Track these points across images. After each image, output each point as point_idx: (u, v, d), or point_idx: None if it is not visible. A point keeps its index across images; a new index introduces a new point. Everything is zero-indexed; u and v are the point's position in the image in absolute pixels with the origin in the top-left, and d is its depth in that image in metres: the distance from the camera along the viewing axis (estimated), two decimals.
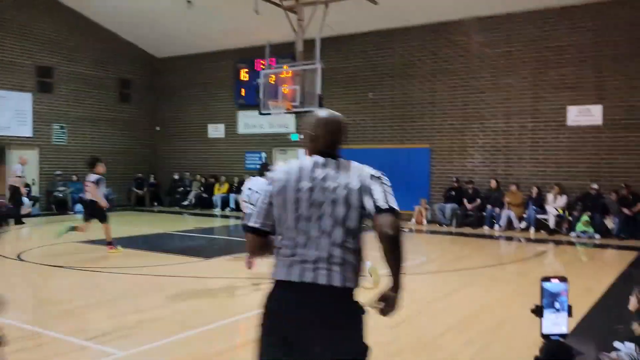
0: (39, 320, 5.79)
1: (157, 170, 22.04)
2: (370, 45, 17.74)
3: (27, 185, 17.33)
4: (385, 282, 2.55)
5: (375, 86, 17.63)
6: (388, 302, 2.53)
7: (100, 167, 10.92)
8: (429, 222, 16.01)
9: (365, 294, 2.63)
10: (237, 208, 19.08)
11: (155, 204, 21.17)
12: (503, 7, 15.16)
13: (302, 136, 2.83)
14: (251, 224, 2.57)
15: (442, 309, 6.55)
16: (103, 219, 10.27)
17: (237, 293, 7.42)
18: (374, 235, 2.46)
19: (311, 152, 2.67)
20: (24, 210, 16.66)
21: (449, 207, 15.58)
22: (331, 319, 2.37)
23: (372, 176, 2.56)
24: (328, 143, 2.68)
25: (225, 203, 19.69)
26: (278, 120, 18.40)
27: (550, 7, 14.76)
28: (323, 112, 2.83)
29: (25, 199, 16.92)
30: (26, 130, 18.17)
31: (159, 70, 22.50)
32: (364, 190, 2.48)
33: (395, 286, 2.54)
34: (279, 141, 19.70)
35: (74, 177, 19.02)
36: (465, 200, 15.39)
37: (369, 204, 2.46)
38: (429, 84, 16.69)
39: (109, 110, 20.79)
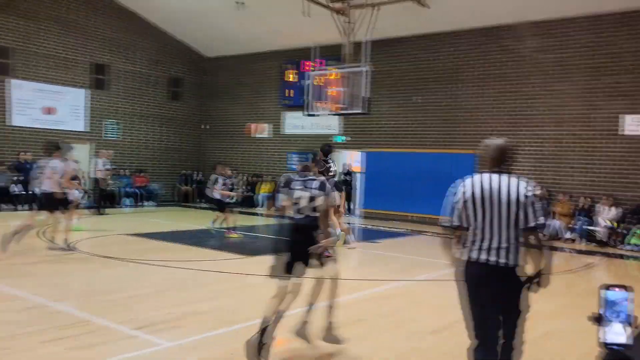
0: (91, 308, 6.01)
1: (203, 168, 22.47)
2: (418, 48, 17.63)
3: (77, 178, 17.94)
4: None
5: (422, 90, 17.50)
6: (541, 280, 3.53)
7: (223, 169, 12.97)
8: None
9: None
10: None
11: (200, 200, 21.58)
12: (557, 12, 14.80)
13: (480, 156, 3.90)
14: (447, 223, 3.71)
15: None
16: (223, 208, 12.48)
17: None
18: (525, 241, 3.51)
19: (487, 169, 3.68)
20: (75, 201, 17.29)
21: None
22: (505, 285, 3.51)
23: (527, 194, 3.49)
24: (499, 162, 3.67)
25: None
26: (323, 122, 18.49)
27: (608, 12, 14.32)
28: (497, 140, 3.78)
29: (76, 192, 17.54)
30: (80, 125, 18.86)
31: (208, 70, 22.96)
32: (521, 204, 3.46)
33: (548, 269, 3.54)
34: (323, 143, 19.73)
35: (125, 172, 19.62)
36: None
37: (522, 216, 3.46)
38: (477, 88, 16.46)
39: (160, 108, 21.36)
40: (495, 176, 3.58)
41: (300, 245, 4.93)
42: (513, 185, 3.50)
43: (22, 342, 4.83)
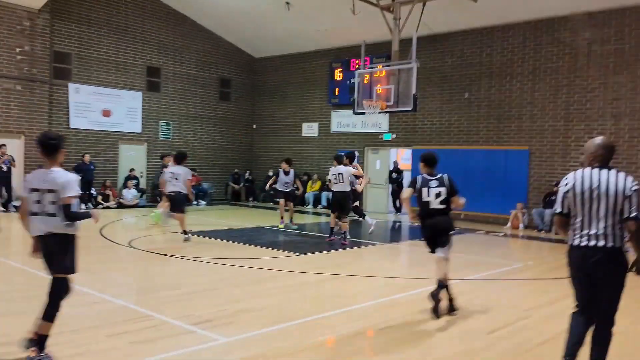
0: (150, 304, 6.23)
1: (253, 167, 22.82)
2: (467, 43, 17.33)
3: (135, 178, 18.59)
4: None
5: (472, 85, 17.21)
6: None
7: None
8: (525, 227, 15.42)
9: None
10: (329, 205, 19.37)
11: (251, 199, 21.94)
12: (614, 1, 14.26)
13: (583, 154, 4.18)
14: (559, 210, 4.18)
15: (542, 317, 6.32)
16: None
17: (328, 288, 7.57)
18: (627, 228, 3.94)
19: (591, 164, 4.07)
20: (132, 201, 17.91)
21: (548, 212, 14.91)
22: (610, 265, 3.97)
23: (633, 187, 3.93)
24: (602, 158, 4.05)
25: (317, 200, 20.05)
26: (371, 120, 18.44)
27: None
28: (602, 139, 4.14)
29: (133, 191, 18.18)
30: (136, 127, 19.49)
31: (257, 70, 23.28)
32: (626, 196, 3.91)
33: None
34: (372, 140, 19.76)
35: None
36: None
37: (626, 207, 3.92)
38: (530, 83, 16.05)
39: (210, 108, 21.82)
40: (604, 171, 3.99)
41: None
42: (620, 179, 3.94)
43: (87, 335, 5.07)
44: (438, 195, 6.67)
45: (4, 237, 11.74)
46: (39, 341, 4.36)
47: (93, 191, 17.58)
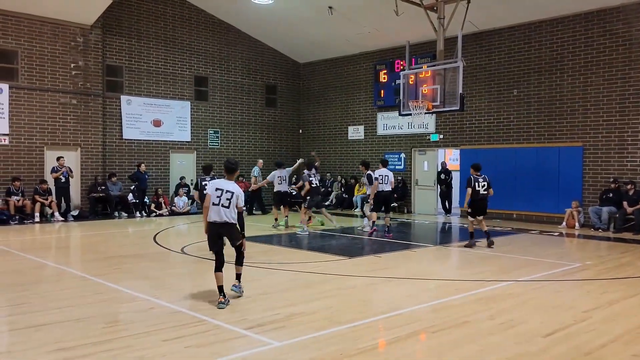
0: (204, 309, 6.36)
1: (300, 172, 22.95)
2: (514, 39, 16.95)
3: (186, 185, 19.03)
4: None
5: (521, 82, 16.81)
6: None
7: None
8: (581, 226, 14.93)
9: None
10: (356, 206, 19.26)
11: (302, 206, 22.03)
12: None
13: None
14: None
15: (602, 319, 6.10)
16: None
17: (379, 291, 7.54)
18: None
19: None
20: (184, 208, 18.33)
21: (605, 210, 14.39)
22: None
23: None
24: None
25: (365, 203, 19.97)
26: (417, 121, 18.24)
27: None
28: None
29: (184, 198, 18.61)
30: (185, 136, 19.97)
31: (301, 75, 23.47)
32: None
33: None
34: (418, 141, 19.58)
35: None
36: (625, 203, 14.11)
37: None
38: (582, 77, 15.55)
39: (257, 115, 22.14)
40: None
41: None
42: None
43: (144, 340, 5.22)
44: (483, 186, 11.58)
45: (64, 246, 12.25)
46: (238, 277, 6.98)
47: (146, 199, 18.09)
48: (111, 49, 18.28)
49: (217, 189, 6.66)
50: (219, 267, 6.73)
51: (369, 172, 13.58)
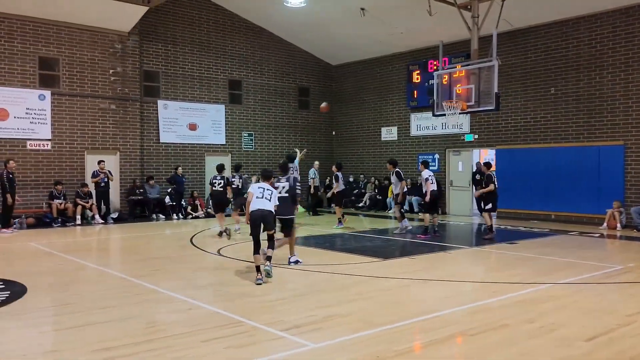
0: (241, 310, 6.45)
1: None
2: (551, 36, 16.62)
3: None
4: None
5: (558, 80, 16.47)
6: None
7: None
8: (623, 227, 14.52)
9: None
10: (411, 209, 19.16)
11: (332, 205, 22.07)
12: None
13: None
14: None
15: None
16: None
17: (414, 294, 7.50)
18: None
19: None
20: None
21: None
22: None
23: None
24: None
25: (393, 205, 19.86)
26: (452, 121, 18.07)
27: None
28: None
29: None
30: (220, 139, 20.24)
31: (334, 77, 23.51)
32: None
33: None
34: (453, 142, 19.38)
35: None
36: None
37: None
38: (622, 74, 15.14)
39: (290, 117, 22.27)
40: None
41: None
42: None
43: (184, 341, 5.31)
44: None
45: (104, 248, 12.56)
46: (269, 259, 8.13)
47: (183, 202, 18.38)
48: (148, 54, 18.67)
49: (259, 187, 8.36)
50: (257, 250, 8.04)
51: (397, 169, 14.03)
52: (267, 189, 8.33)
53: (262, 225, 8.13)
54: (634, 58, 14.91)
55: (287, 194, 9.36)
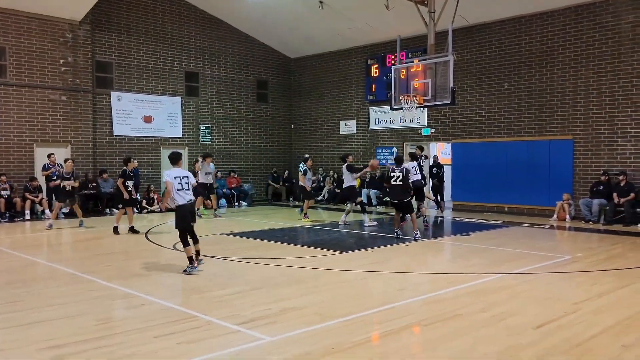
0: (195, 305, 6.36)
1: (292, 167, 22.96)
2: (505, 33, 16.99)
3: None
4: None
5: (511, 76, 16.86)
6: None
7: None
8: (572, 218, 15.02)
9: None
10: (370, 202, 19.31)
11: (291, 198, 22.07)
12: None
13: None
14: None
15: (592, 310, 6.15)
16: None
17: (371, 286, 7.56)
18: None
19: None
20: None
21: (595, 202, 14.49)
22: None
23: None
24: None
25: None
26: (409, 115, 18.25)
27: None
28: None
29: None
30: (177, 131, 19.89)
31: (293, 70, 23.43)
32: None
33: None
34: (410, 136, 19.61)
35: (218, 174, 20.43)
36: (615, 195, 14.21)
37: None
38: (572, 70, 15.62)
39: (248, 110, 22.09)
40: None
41: None
42: None
43: (136, 337, 5.20)
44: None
45: (55, 244, 12.16)
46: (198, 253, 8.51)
47: (138, 196, 17.95)
48: (100, 44, 18.14)
49: (176, 177, 8.02)
50: (188, 242, 8.18)
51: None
52: (184, 176, 8.16)
53: (191, 217, 8.34)
54: (582, 55, 15.40)
55: (401, 182, 11.38)
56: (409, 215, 11.94)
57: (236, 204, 20.14)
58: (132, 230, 12.79)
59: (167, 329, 5.41)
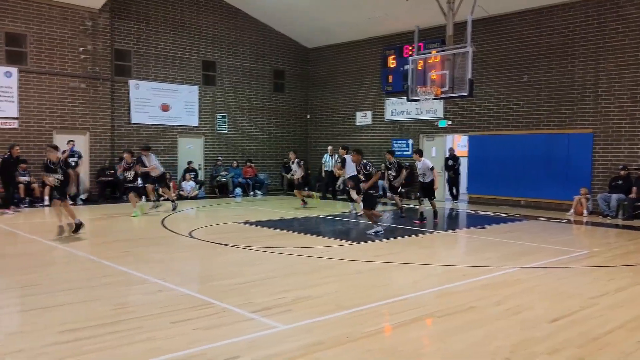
0: (212, 292, 6.42)
1: (308, 157, 22.97)
2: (525, 24, 16.77)
3: (193, 170, 19.09)
4: None
5: (531, 68, 16.66)
6: None
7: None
8: (590, 213, 14.86)
9: None
10: (384, 194, 19.26)
11: (306, 188, 22.07)
12: None
13: None
14: None
15: (608, 306, 6.09)
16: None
17: (385, 277, 7.57)
18: None
19: None
20: (191, 193, 18.42)
21: (614, 197, 14.31)
22: None
23: None
24: None
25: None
26: (426, 107, 18.14)
27: None
28: None
29: (192, 183, 18.69)
30: (193, 120, 19.99)
31: (310, 60, 23.37)
32: None
33: None
34: (427, 127, 19.50)
35: (234, 163, 20.55)
36: (634, 190, 14.02)
37: None
38: (593, 63, 15.38)
39: (265, 100, 22.11)
40: None
41: None
42: None
43: (153, 322, 5.27)
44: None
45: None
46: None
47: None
48: (119, 33, 18.26)
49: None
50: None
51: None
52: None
53: None
54: (604, 47, 15.15)
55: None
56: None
57: (251, 193, 20.23)
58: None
59: (184, 315, 5.47)
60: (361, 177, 11.49)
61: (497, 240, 10.68)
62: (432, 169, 13.17)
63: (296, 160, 16.49)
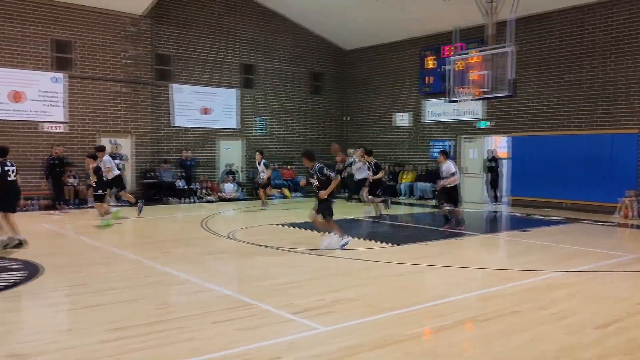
0: (252, 293, 6.49)
1: (347, 159, 22.91)
2: (567, 23, 16.38)
3: (233, 172, 19.35)
4: None
5: (572, 67, 16.26)
6: None
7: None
8: (638, 215, 14.38)
9: None
10: (423, 196, 19.10)
11: (345, 191, 22.06)
12: None
13: None
14: None
15: None
16: None
17: (425, 280, 7.50)
18: None
19: None
20: (231, 194, 18.67)
21: None
22: None
23: None
24: None
25: (410, 191, 19.85)
26: (465, 108, 17.92)
27: None
28: None
29: (232, 185, 18.95)
30: (232, 123, 20.25)
31: (347, 62, 23.37)
32: None
33: None
34: (466, 129, 19.24)
35: (273, 165, 20.69)
36: None
37: None
38: (638, 61, 14.88)
39: (302, 102, 22.21)
40: None
41: None
42: None
43: (194, 322, 5.36)
44: None
45: (117, 230, 12.66)
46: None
47: (194, 185, 18.48)
48: (160, 38, 18.66)
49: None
50: None
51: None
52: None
53: None
54: None
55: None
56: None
57: (292, 194, 20.34)
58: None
59: (225, 316, 5.55)
60: (315, 182, 9.57)
61: (541, 243, 10.45)
62: (453, 174, 11.94)
63: (263, 161, 16.65)
